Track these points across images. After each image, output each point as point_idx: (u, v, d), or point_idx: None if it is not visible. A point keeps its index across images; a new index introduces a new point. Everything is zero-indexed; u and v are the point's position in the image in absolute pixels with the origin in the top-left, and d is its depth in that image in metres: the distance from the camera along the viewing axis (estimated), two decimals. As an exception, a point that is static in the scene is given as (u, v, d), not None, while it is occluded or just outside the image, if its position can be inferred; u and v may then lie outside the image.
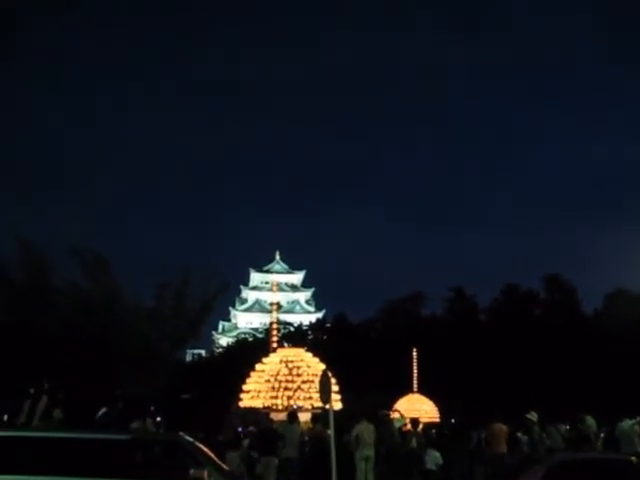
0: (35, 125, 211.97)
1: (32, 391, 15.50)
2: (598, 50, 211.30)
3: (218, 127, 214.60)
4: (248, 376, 27.69)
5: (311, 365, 26.19)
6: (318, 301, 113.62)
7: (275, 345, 31.21)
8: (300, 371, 25.95)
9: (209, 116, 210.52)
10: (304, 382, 25.27)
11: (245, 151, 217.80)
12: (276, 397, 25.40)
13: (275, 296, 53.61)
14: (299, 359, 26.81)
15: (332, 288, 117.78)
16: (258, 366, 27.15)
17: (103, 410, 15.16)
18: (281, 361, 26.70)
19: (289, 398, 25.09)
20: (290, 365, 26.21)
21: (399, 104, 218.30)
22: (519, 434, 19.51)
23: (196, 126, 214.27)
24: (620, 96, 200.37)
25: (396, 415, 17.58)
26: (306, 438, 17.20)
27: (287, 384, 25.63)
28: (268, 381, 25.97)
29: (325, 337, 60.26)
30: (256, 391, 26.09)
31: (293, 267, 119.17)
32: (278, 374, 26.01)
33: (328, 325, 65.45)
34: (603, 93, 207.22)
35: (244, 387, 26.81)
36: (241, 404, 26.71)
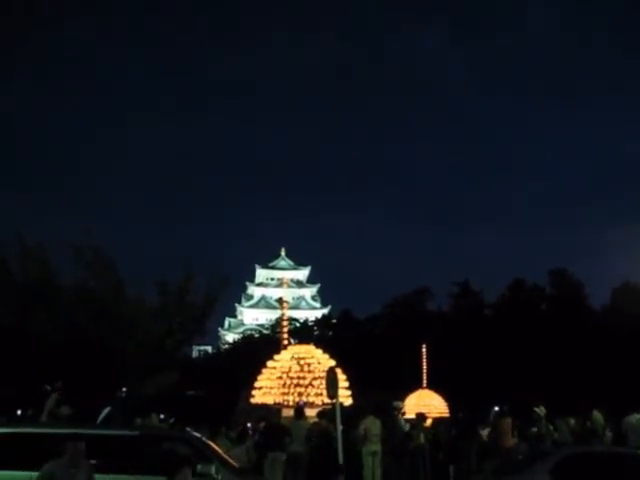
0: (35, 125, 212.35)
1: (49, 388, 15.59)
2: (597, 49, 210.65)
3: (221, 126, 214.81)
4: (255, 372, 27.71)
5: (322, 362, 26.14)
6: (323, 297, 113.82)
7: (286, 342, 31.21)
8: (311, 368, 25.93)
9: (212, 116, 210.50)
10: (315, 379, 25.24)
11: (247, 150, 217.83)
12: (287, 393, 25.42)
13: (281, 292, 53.69)
14: (310, 356, 26.79)
15: (337, 284, 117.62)
16: (269, 363, 27.15)
17: (107, 410, 15.16)
18: (292, 358, 26.68)
19: (300, 394, 25.10)
20: (301, 362, 26.21)
21: (400, 102, 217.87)
22: (534, 429, 19.42)
23: (200, 125, 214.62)
24: (621, 92, 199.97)
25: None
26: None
27: (299, 381, 25.64)
28: (280, 378, 25.97)
29: (331, 333, 60.31)
30: (268, 388, 26.12)
31: (298, 263, 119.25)
32: (290, 371, 26.00)
33: (334, 321, 65.49)
34: (604, 89, 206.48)
35: (256, 384, 26.85)
36: (253, 400, 26.75)
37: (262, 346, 48.22)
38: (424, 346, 37.59)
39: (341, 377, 19.92)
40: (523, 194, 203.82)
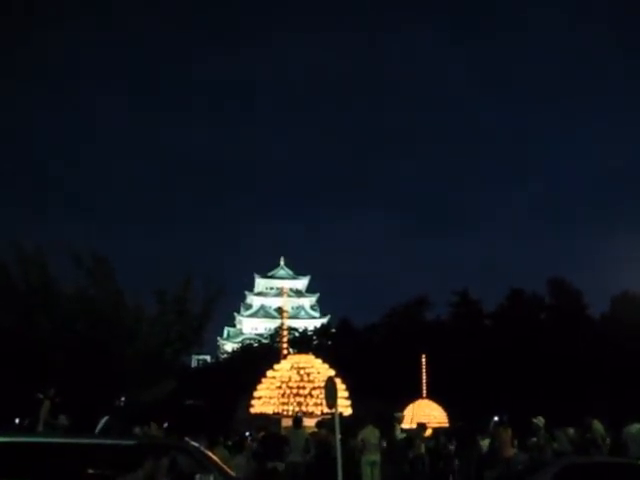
0: (35, 125, 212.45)
1: (41, 396, 15.50)
2: (597, 49, 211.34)
3: (219, 130, 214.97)
4: (254, 382, 27.67)
5: (321, 371, 26.11)
6: (322, 306, 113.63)
7: (285, 352, 31.18)
8: (311, 377, 25.90)
9: (209, 118, 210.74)
10: (314, 388, 25.21)
11: (246, 155, 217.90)
12: (287, 403, 25.37)
13: (280, 301, 53.62)
14: (310, 365, 26.77)
15: (336, 294, 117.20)
16: (269, 372, 27.11)
17: (105, 419, 15.10)
18: (292, 367, 26.66)
19: (299, 404, 25.06)
20: (301, 371, 26.18)
21: (399, 105, 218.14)
22: (533, 439, 19.36)
23: (197, 129, 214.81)
24: (621, 92, 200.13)
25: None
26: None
27: (298, 390, 25.61)
28: (279, 387, 25.93)
29: (330, 342, 60.21)
30: (267, 397, 26.07)
31: (297, 273, 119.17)
32: (289, 380, 25.97)
33: (333, 330, 65.39)
34: (604, 89, 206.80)
35: (255, 393, 26.79)
36: (252, 410, 26.68)
37: (261, 355, 48.15)
38: (423, 356, 37.54)
39: (340, 387, 19.88)
40: (523, 194, 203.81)
